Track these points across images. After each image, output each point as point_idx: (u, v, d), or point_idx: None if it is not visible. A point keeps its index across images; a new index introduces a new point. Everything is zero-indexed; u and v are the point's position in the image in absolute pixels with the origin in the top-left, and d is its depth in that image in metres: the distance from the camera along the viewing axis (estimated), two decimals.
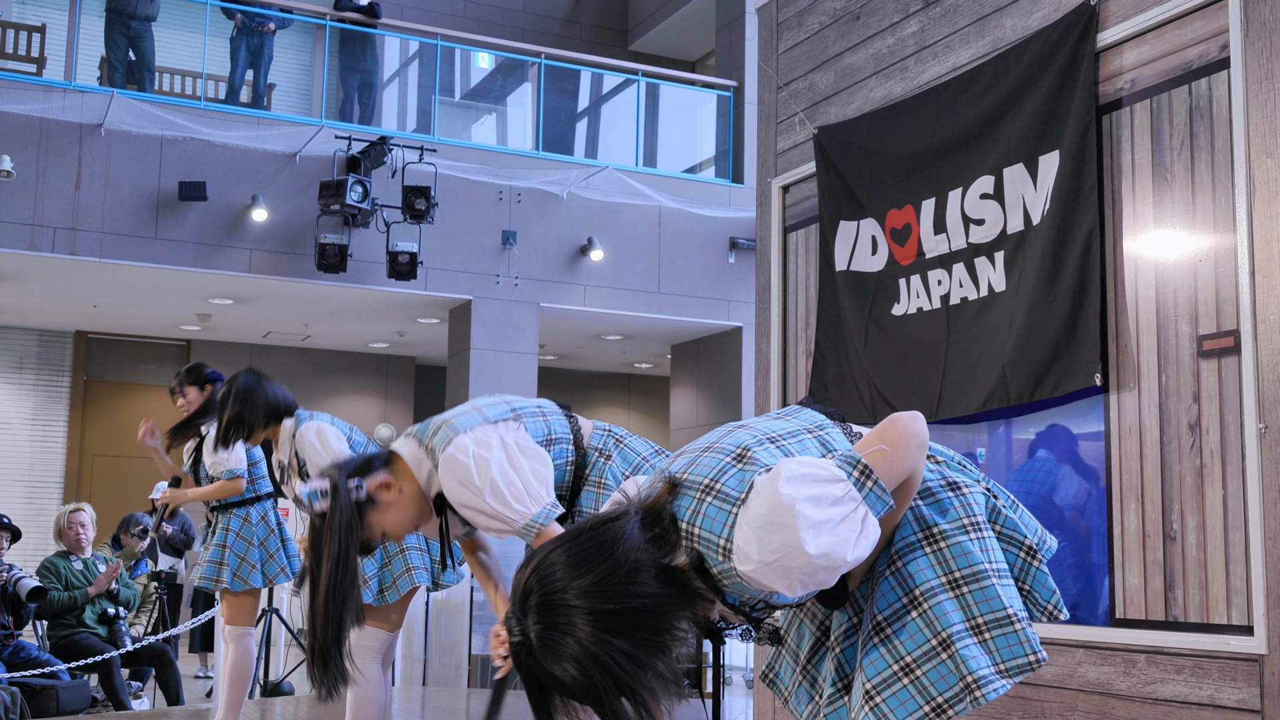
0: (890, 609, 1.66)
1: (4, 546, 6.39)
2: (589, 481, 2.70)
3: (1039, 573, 1.75)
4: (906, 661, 1.63)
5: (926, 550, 1.66)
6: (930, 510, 1.70)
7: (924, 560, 1.65)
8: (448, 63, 10.92)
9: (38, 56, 9.62)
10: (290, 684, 7.59)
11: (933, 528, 1.68)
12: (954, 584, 1.65)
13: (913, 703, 1.62)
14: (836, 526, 1.45)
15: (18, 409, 11.71)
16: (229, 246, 8.98)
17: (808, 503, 1.44)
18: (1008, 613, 1.63)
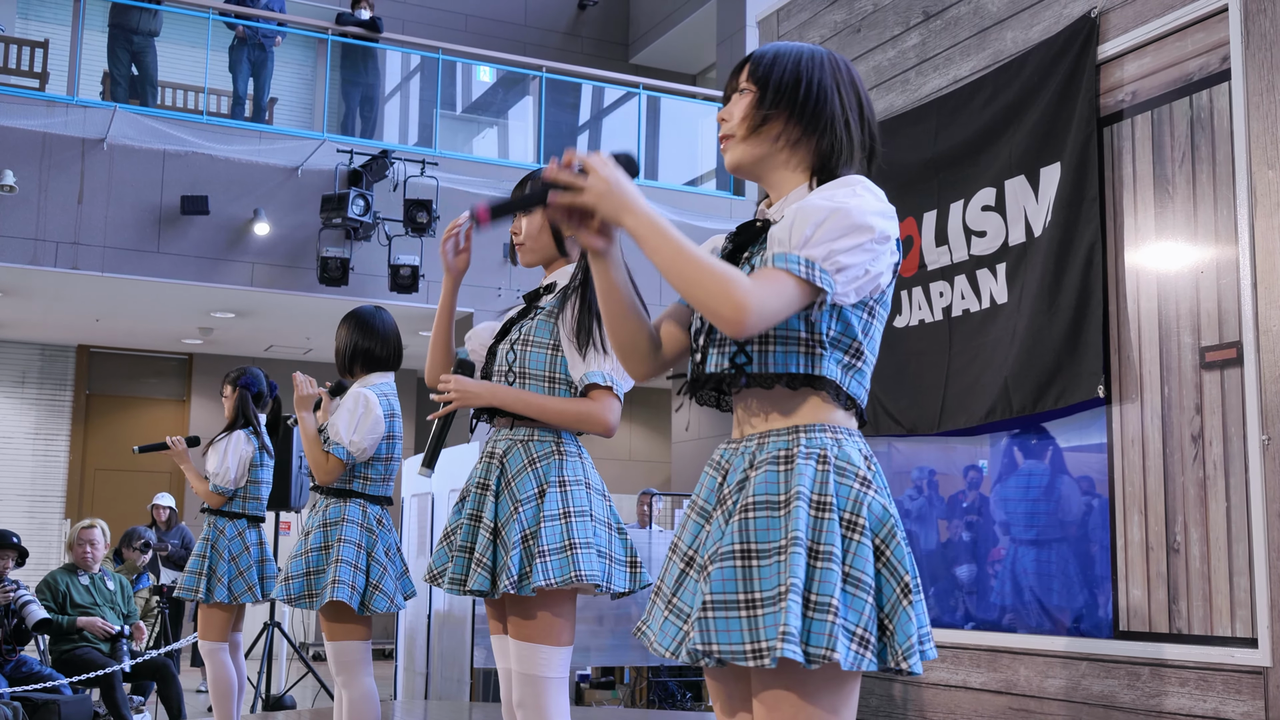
0: (765, 544, 1.68)
1: (9, 565, 6.39)
2: None
3: (904, 613, 1.69)
4: (755, 598, 1.66)
5: (812, 511, 1.69)
6: (835, 483, 1.71)
7: (805, 517, 1.68)
8: (449, 76, 10.95)
9: (41, 71, 9.65)
10: (292, 698, 7.58)
11: (825, 498, 1.70)
12: (813, 553, 1.67)
13: (739, 635, 1.65)
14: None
15: (20, 423, 11.72)
16: (231, 260, 9.00)
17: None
18: (831, 603, 1.64)
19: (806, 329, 1.75)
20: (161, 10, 9.48)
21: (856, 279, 1.72)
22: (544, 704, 2.60)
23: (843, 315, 1.76)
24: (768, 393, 1.78)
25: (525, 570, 2.59)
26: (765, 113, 1.84)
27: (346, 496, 3.77)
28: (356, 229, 9.00)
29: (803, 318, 1.74)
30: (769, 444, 1.76)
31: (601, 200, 1.71)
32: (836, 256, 1.69)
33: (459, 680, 7.20)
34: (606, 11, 13.54)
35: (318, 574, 3.70)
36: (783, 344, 1.75)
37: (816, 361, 1.75)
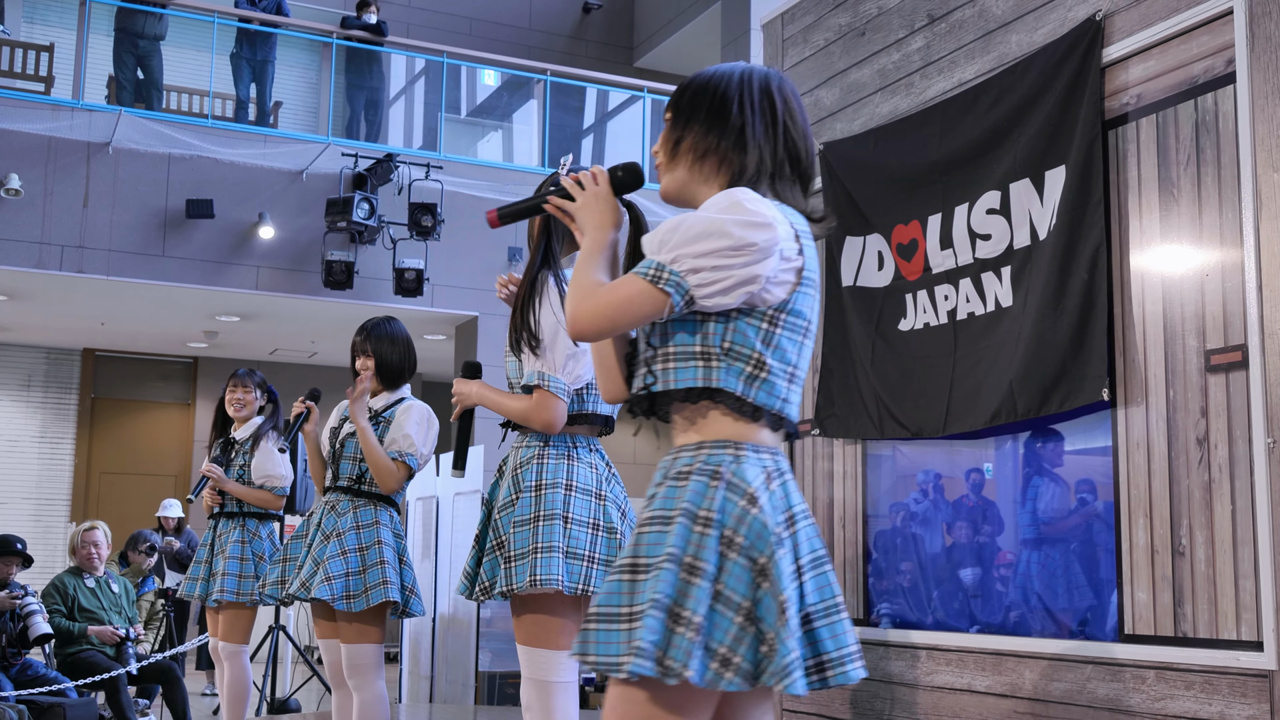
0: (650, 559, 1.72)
1: (14, 571, 6.41)
2: None
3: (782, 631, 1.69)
4: (636, 610, 1.69)
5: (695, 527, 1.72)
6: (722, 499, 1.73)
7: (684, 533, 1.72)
8: (454, 80, 10.97)
9: (46, 75, 9.67)
10: (297, 701, 7.59)
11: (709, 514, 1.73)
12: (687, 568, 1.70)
13: (617, 647, 1.69)
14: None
15: (26, 426, 11.74)
16: (236, 264, 9.01)
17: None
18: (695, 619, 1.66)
19: (700, 342, 1.80)
20: (167, 14, 9.50)
21: (716, 283, 1.76)
22: (551, 707, 2.61)
23: (737, 326, 1.80)
24: (683, 409, 1.83)
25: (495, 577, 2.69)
26: (677, 135, 1.93)
27: (376, 500, 3.84)
28: (361, 233, 9.01)
29: (695, 332, 1.80)
30: (680, 459, 1.81)
31: (579, 212, 1.99)
32: (687, 260, 1.76)
33: (464, 684, 7.20)
34: (611, 15, 13.55)
35: (359, 574, 3.73)
36: (680, 360, 1.81)
37: (713, 374, 1.80)
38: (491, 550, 2.70)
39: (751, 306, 1.80)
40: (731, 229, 1.76)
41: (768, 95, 1.94)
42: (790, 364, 1.84)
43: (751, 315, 1.80)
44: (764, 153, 1.90)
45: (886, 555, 3.92)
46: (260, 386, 5.21)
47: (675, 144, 1.93)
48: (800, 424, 4.33)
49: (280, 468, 4.95)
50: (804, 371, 1.89)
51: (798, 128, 1.95)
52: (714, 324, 1.79)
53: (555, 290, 2.77)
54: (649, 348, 1.87)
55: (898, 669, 3.80)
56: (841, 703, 3.98)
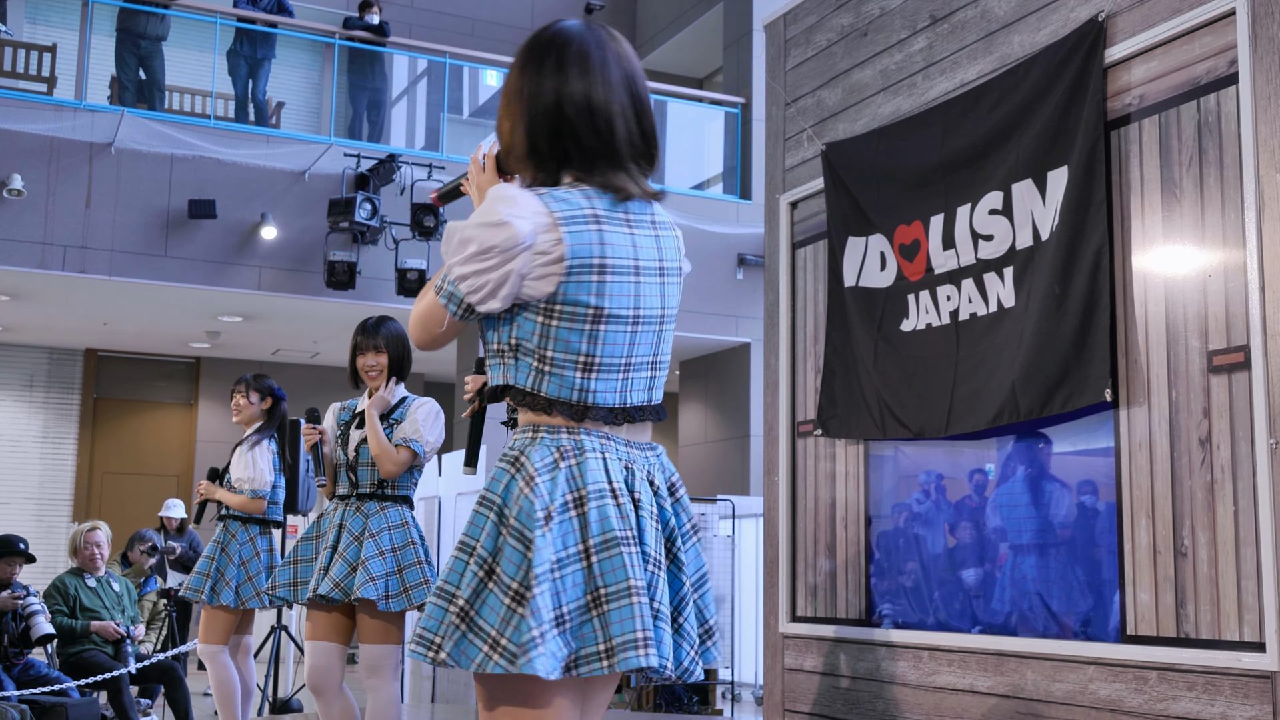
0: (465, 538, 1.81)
1: (17, 571, 6.41)
2: None
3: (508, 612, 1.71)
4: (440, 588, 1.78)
5: (488, 514, 1.78)
6: (506, 480, 1.79)
7: (472, 516, 1.81)
8: (456, 80, 10.97)
9: (49, 76, 9.68)
10: (299, 701, 7.59)
11: (493, 496, 1.79)
12: (463, 548, 1.79)
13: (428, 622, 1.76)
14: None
15: (28, 426, 11.75)
16: (238, 264, 9.02)
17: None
18: (456, 594, 1.74)
19: (497, 341, 1.87)
20: (169, 15, 9.51)
21: (481, 288, 1.79)
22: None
23: (519, 323, 1.83)
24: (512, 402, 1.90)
25: None
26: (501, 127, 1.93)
27: (401, 501, 3.88)
28: (363, 233, 9.02)
29: (493, 329, 1.86)
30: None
31: (474, 195, 1.99)
32: (456, 269, 1.81)
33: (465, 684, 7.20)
34: (613, 16, 13.56)
35: (396, 575, 3.76)
36: (495, 357, 1.89)
37: (509, 371, 1.86)
38: None
39: (525, 303, 1.81)
40: (475, 233, 1.79)
41: (529, 75, 1.87)
42: (579, 353, 1.82)
43: (529, 310, 1.82)
44: (539, 141, 1.86)
45: (888, 556, 3.92)
46: (260, 390, 5.20)
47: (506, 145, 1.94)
48: (802, 424, 4.34)
49: (252, 470, 4.94)
50: (613, 358, 1.85)
51: (584, 92, 1.85)
52: (503, 323, 1.84)
53: None
54: (486, 346, 1.93)
55: (900, 670, 3.80)
56: (843, 704, 3.98)
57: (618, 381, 1.85)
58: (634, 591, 1.70)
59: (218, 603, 4.81)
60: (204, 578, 4.83)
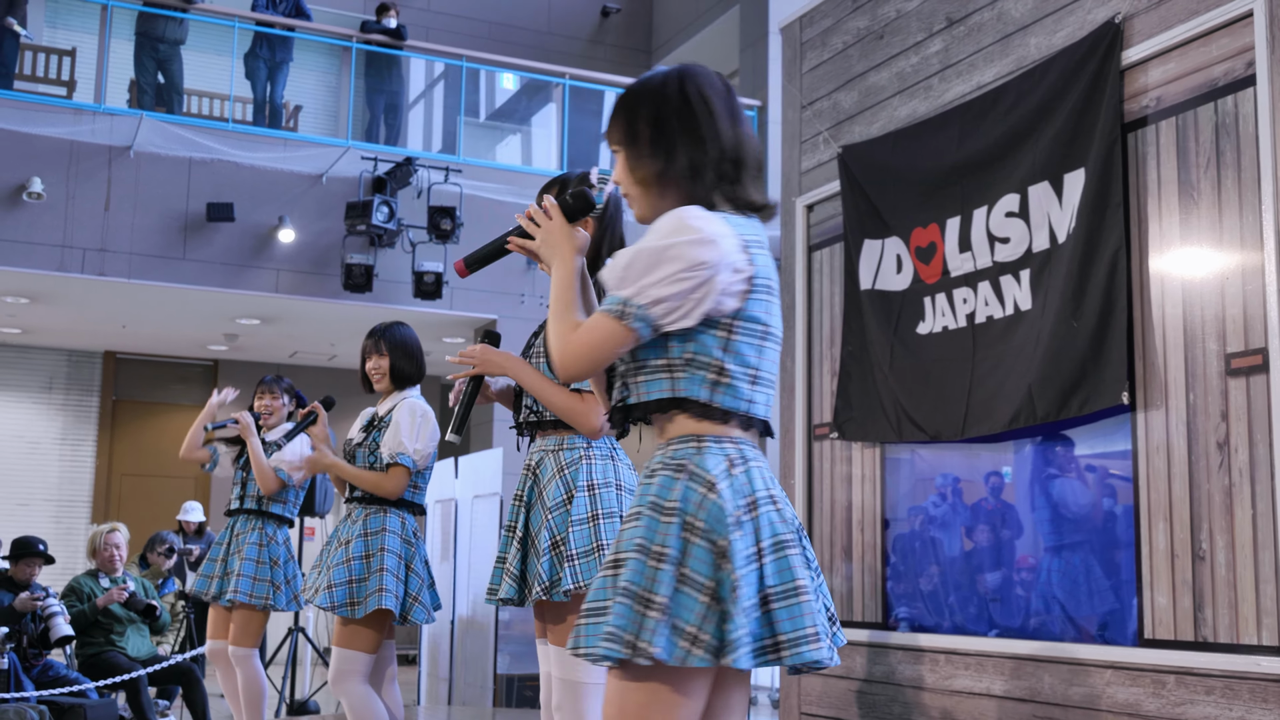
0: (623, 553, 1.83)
1: (36, 572, 6.46)
2: None
3: (732, 608, 1.79)
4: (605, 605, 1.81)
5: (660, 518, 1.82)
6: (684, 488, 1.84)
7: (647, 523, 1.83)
8: (473, 84, 11.00)
9: (68, 80, 9.75)
10: (316, 703, 7.61)
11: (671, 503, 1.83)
12: (657, 555, 1.80)
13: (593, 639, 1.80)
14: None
15: (47, 428, 11.82)
16: (256, 267, 9.06)
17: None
18: (664, 601, 1.77)
19: (665, 356, 1.90)
20: (187, 19, 9.56)
21: (678, 309, 1.85)
22: (582, 709, 2.63)
23: (695, 338, 1.89)
24: (657, 417, 1.94)
25: (556, 576, 2.64)
26: (629, 166, 1.98)
27: (387, 506, 3.84)
28: (381, 236, 9.05)
29: (659, 346, 1.90)
30: (655, 456, 1.93)
31: (541, 249, 2.07)
32: (649, 291, 1.85)
33: (482, 686, 7.21)
34: (629, 19, 13.57)
35: (360, 582, 3.75)
36: (649, 373, 1.92)
37: (679, 384, 1.90)
38: (549, 549, 2.66)
39: (709, 318, 1.88)
40: (683, 251, 1.84)
41: (688, 103, 1.97)
42: (751, 367, 1.92)
43: (709, 325, 1.89)
44: (703, 165, 1.95)
45: (905, 559, 3.91)
46: (288, 392, 5.23)
47: (630, 175, 1.98)
48: (818, 427, 4.33)
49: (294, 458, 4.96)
50: (768, 374, 1.96)
51: (731, 124, 1.98)
52: (675, 340, 1.89)
53: None
54: (623, 363, 1.96)
55: (916, 673, 3.79)
56: (859, 707, 3.97)
57: (767, 395, 1.97)
58: (802, 591, 1.83)
59: (270, 607, 4.84)
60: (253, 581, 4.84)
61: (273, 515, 4.98)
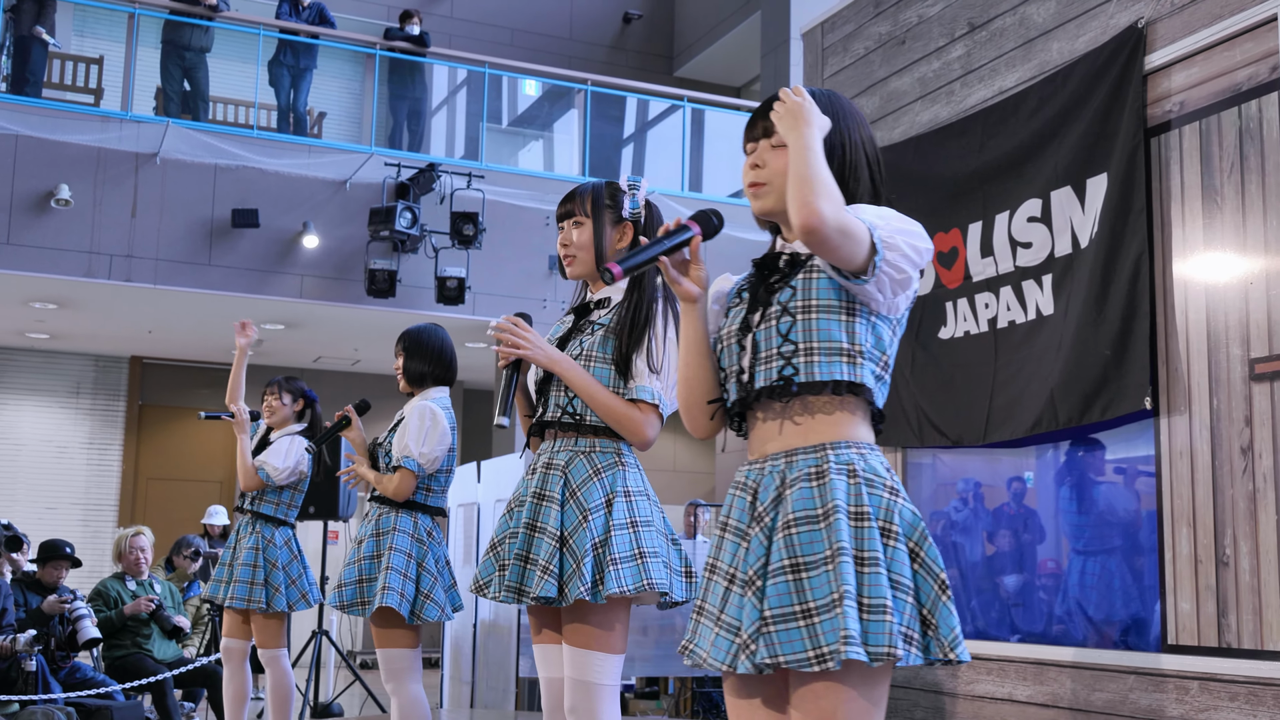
0: (811, 556, 1.81)
1: (64, 575, 6.52)
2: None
3: (944, 607, 1.85)
4: (809, 606, 1.79)
5: (851, 522, 1.82)
6: (867, 495, 1.85)
7: (846, 529, 1.81)
8: (495, 90, 11.04)
9: (95, 87, 9.84)
10: (340, 705, 7.65)
11: (863, 508, 1.84)
12: (859, 560, 1.81)
13: (801, 644, 1.78)
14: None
15: (74, 433, 11.93)
16: (280, 272, 9.12)
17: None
18: (885, 603, 1.78)
19: (847, 340, 1.89)
20: (213, 27, 9.64)
21: (895, 266, 1.87)
22: (597, 711, 2.63)
23: (875, 329, 1.92)
24: (791, 414, 1.91)
25: (597, 578, 2.61)
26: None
27: (400, 506, 3.85)
28: (404, 241, 9.09)
29: (842, 329, 1.89)
30: (798, 461, 1.89)
31: (785, 117, 1.94)
32: (890, 237, 1.87)
33: (504, 689, 7.23)
34: (651, 25, 13.60)
35: (369, 582, 3.78)
36: (826, 354, 1.89)
37: (858, 370, 1.90)
38: (590, 551, 2.61)
39: (880, 312, 1.92)
40: (919, 235, 1.93)
41: (857, 118, 2.03)
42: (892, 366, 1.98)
43: (884, 318, 1.93)
44: (867, 178, 2.02)
45: None
46: (291, 392, 5.22)
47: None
48: None
49: (276, 459, 4.96)
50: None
51: (876, 149, 2.08)
52: (860, 322, 1.91)
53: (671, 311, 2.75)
54: (787, 343, 1.91)
55: (938, 678, 3.79)
56: None
57: None
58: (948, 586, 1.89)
59: (271, 610, 4.86)
60: (249, 586, 4.87)
61: (266, 517, 4.99)
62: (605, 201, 2.84)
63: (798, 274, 1.95)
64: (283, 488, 5.02)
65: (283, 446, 5.01)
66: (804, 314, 1.90)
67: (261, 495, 5.01)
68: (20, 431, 11.77)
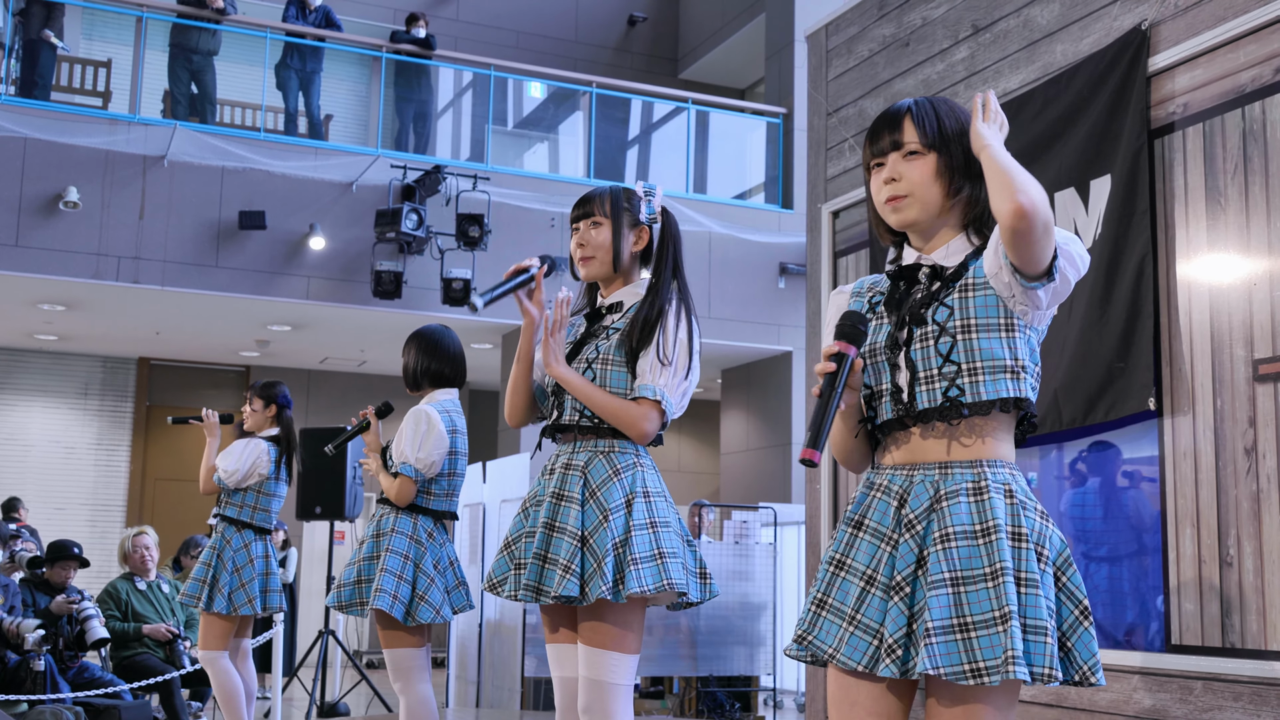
0: (970, 571, 1.83)
1: (72, 575, 6.55)
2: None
3: (1085, 633, 1.88)
4: (966, 620, 1.81)
5: (1010, 542, 1.85)
6: (1024, 517, 1.88)
7: (1008, 548, 1.84)
8: (501, 92, 11.07)
9: (104, 90, 9.89)
10: (346, 705, 7.68)
11: (1021, 529, 1.86)
12: (1019, 580, 1.83)
13: (957, 657, 1.80)
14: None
15: (83, 434, 11.97)
16: (287, 274, 9.15)
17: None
18: (1045, 625, 1.81)
19: (1010, 355, 1.91)
20: (220, 30, 9.68)
21: (1063, 275, 1.88)
22: (610, 710, 2.65)
23: (1030, 341, 1.94)
24: (956, 434, 1.92)
25: (618, 577, 2.62)
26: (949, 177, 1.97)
27: (400, 508, 3.86)
28: (410, 243, 9.12)
29: (1004, 345, 1.90)
30: (954, 475, 1.91)
31: (984, 136, 1.93)
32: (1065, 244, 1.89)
33: (510, 689, 7.25)
34: (656, 27, 13.62)
35: (367, 582, 3.79)
36: (991, 373, 1.91)
37: (1020, 385, 1.92)
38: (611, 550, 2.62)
39: (1033, 324, 1.93)
40: (1082, 245, 1.94)
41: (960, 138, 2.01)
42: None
43: (1033, 329, 1.95)
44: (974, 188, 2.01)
45: None
46: (264, 397, 5.12)
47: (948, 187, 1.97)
48: None
49: (234, 464, 4.94)
50: None
51: None
52: (1019, 337, 1.91)
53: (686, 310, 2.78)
54: (949, 363, 1.91)
55: None
56: None
57: None
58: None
59: (211, 610, 4.85)
60: (200, 584, 4.88)
61: (229, 519, 5.00)
62: (624, 204, 2.86)
63: (950, 293, 1.94)
64: (244, 490, 4.99)
65: (236, 449, 4.98)
66: (964, 333, 1.90)
67: (226, 498, 5.00)
68: (29, 432, 11.82)
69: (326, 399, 12.52)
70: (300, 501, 7.59)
